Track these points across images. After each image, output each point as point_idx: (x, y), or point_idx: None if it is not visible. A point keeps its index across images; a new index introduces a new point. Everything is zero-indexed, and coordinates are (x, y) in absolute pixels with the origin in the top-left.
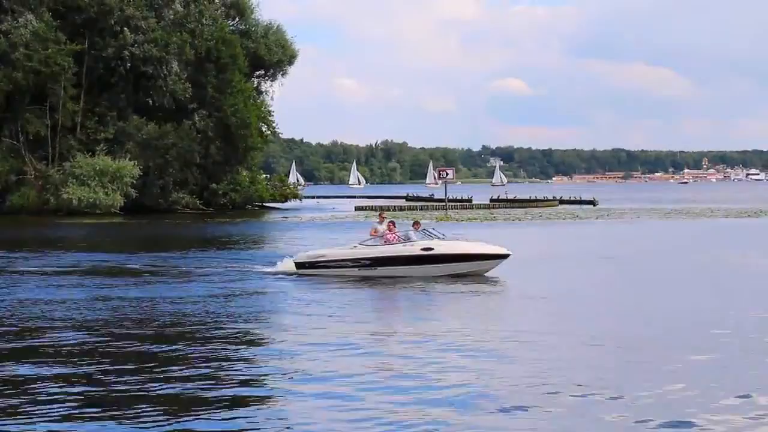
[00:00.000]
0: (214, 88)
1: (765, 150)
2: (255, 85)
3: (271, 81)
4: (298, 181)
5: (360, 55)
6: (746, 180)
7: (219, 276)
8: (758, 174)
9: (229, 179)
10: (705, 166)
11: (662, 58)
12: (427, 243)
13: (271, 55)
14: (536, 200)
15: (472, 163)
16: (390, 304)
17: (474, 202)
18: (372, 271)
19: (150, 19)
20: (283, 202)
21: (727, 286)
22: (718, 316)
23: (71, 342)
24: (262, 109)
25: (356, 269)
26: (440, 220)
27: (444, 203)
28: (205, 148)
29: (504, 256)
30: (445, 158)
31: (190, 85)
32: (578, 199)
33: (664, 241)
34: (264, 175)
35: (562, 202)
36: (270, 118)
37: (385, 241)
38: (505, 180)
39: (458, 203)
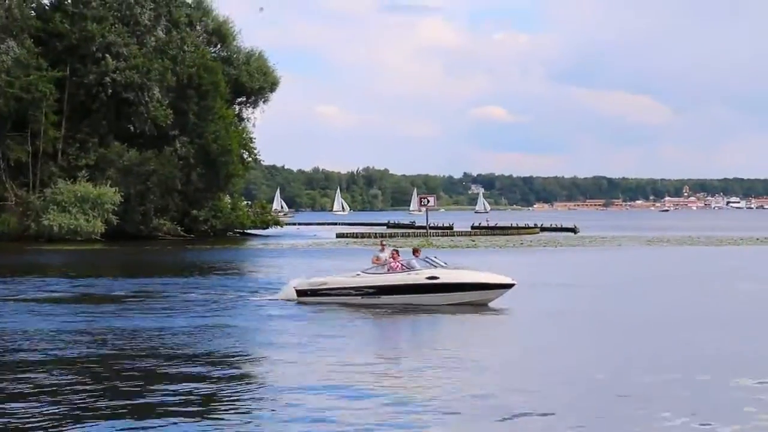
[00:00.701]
0: (196, 114)
1: (745, 178)
2: (236, 112)
3: (253, 108)
4: (282, 207)
5: (341, 82)
6: (727, 208)
7: (218, 304)
8: (739, 202)
9: (210, 206)
10: (686, 194)
11: (642, 86)
12: (432, 272)
13: (252, 81)
14: (517, 227)
15: (453, 190)
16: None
17: (455, 230)
18: (376, 300)
19: (132, 46)
20: (264, 228)
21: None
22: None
23: (48, 377)
24: (244, 135)
25: (359, 297)
26: (422, 247)
27: (425, 230)
28: (186, 175)
29: (509, 286)
30: (426, 185)
31: (171, 112)
32: (559, 226)
33: (646, 268)
34: (245, 202)
35: (543, 229)
36: (251, 145)
37: (388, 269)
38: (488, 207)
39: (439, 230)
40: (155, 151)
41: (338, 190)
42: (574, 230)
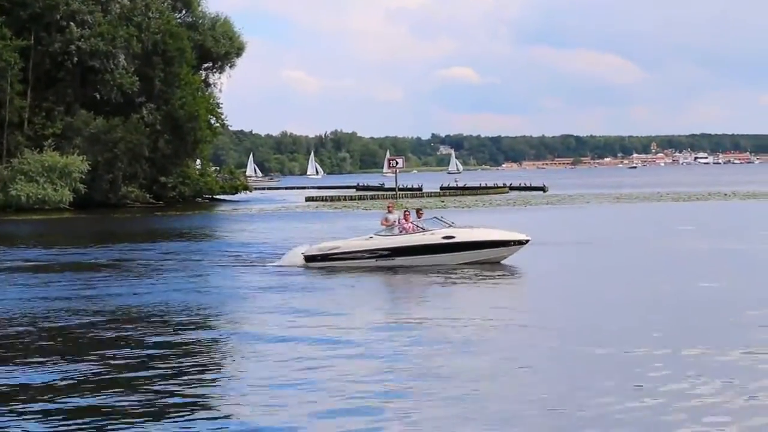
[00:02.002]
0: (162, 81)
1: (713, 133)
2: (203, 78)
3: (219, 73)
4: (256, 173)
5: (308, 46)
6: (695, 163)
7: (218, 271)
8: (706, 158)
9: (178, 172)
10: (653, 151)
11: (609, 45)
12: (447, 231)
13: (218, 47)
14: (486, 187)
15: (421, 151)
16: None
17: (424, 191)
18: (390, 262)
19: (96, 13)
20: (233, 194)
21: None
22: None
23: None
24: (211, 101)
25: (373, 260)
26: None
27: (394, 192)
28: (153, 142)
29: (524, 242)
30: (395, 147)
31: (137, 79)
32: (528, 185)
33: (614, 226)
34: (213, 168)
35: (512, 188)
36: (218, 111)
37: (401, 230)
38: (461, 168)
39: (408, 192)
40: (122, 119)
41: (312, 154)
42: (543, 189)
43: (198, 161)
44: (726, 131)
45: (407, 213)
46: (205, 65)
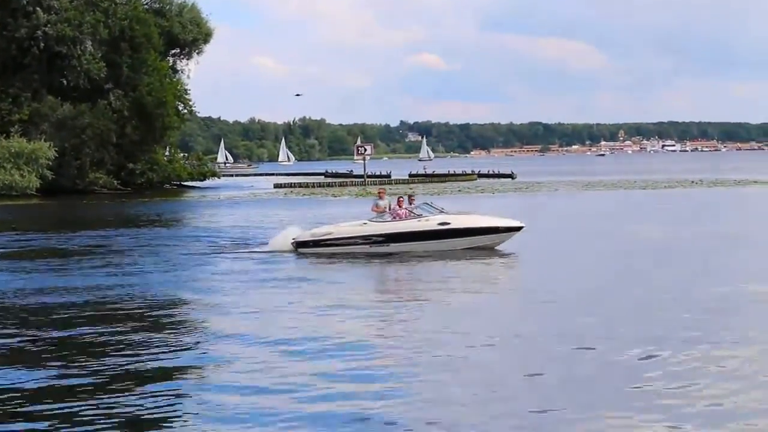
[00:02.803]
0: (129, 67)
1: (680, 121)
2: (170, 64)
3: (187, 59)
4: (227, 159)
5: (275, 32)
6: (662, 151)
7: (197, 257)
8: (673, 145)
9: (146, 159)
10: (621, 138)
11: (577, 32)
12: (442, 217)
13: (186, 33)
14: (455, 174)
15: (390, 138)
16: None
17: (393, 178)
18: (385, 248)
19: None
20: (201, 180)
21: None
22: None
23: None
24: (178, 87)
25: (367, 246)
26: (359, 196)
27: (363, 179)
28: (121, 128)
29: (518, 229)
30: (363, 134)
31: (104, 65)
32: (496, 173)
33: (580, 212)
34: (181, 154)
35: (480, 176)
36: (186, 97)
37: (395, 217)
38: (432, 155)
39: (377, 179)
40: (89, 105)
41: (283, 140)
42: (511, 176)
43: (168, 148)
44: (693, 119)
45: (401, 199)
46: (173, 51)
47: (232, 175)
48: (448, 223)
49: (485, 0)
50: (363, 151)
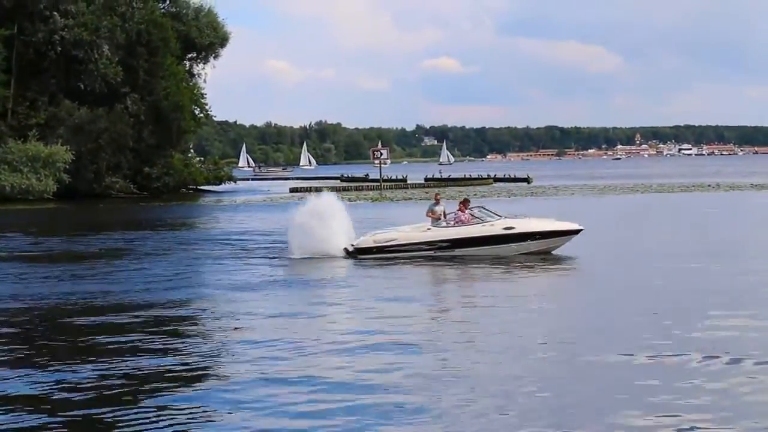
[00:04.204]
0: (146, 71)
1: (696, 125)
2: (187, 68)
3: (203, 63)
4: (249, 164)
5: (292, 36)
6: (678, 155)
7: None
8: (690, 149)
9: (162, 163)
10: (638, 142)
11: (593, 36)
12: (506, 222)
13: (202, 37)
14: (471, 178)
15: (406, 142)
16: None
17: (409, 182)
18: (449, 253)
19: (80, 3)
20: (217, 184)
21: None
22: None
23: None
24: (195, 91)
25: (432, 252)
26: (375, 201)
27: (379, 183)
28: (137, 132)
29: (577, 231)
30: (379, 138)
31: (121, 69)
32: (512, 177)
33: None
34: (198, 158)
35: (496, 180)
36: (203, 101)
37: (457, 221)
38: (452, 159)
39: (393, 183)
40: (106, 109)
41: (305, 145)
42: (527, 180)
43: (192, 151)
44: (710, 122)
45: (462, 203)
46: (189, 55)
47: (281, 179)
48: (513, 228)
49: (502, 4)
50: (379, 155)
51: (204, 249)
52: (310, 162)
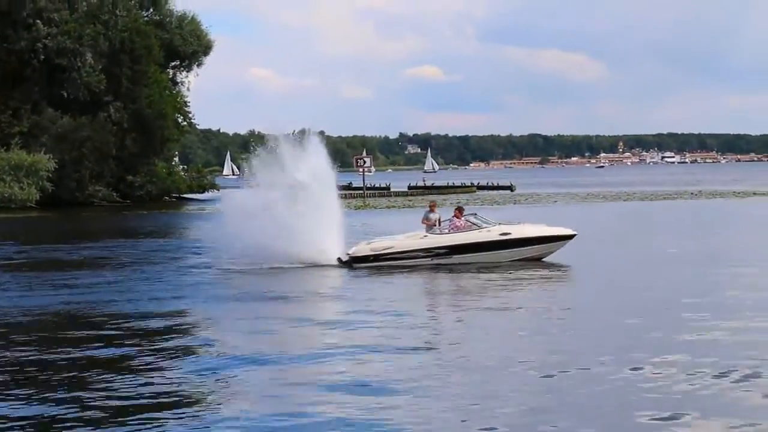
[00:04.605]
0: (129, 79)
1: (679, 133)
2: (170, 76)
3: (187, 71)
4: (234, 172)
5: (275, 44)
6: (661, 163)
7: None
8: (673, 157)
9: (145, 171)
10: (621, 150)
11: (576, 44)
12: (503, 228)
13: (186, 45)
14: (454, 186)
15: (389, 150)
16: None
17: (392, 190)
18: (447, 260)
19: (63, 11)
20: (201, 192)
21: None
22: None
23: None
24: (178, 99)
25: (429, 259)
26: (359, 209)
27: (362, 191)
28: (120, 140)
29: (571, 237)
30: (363, 146)
31: (104, 77)
32: (496, 185)
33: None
34: (181, 166)
35: (479, 188)
36: (186, 109)
37: (452, 228)
38: (437, 167)
39: (376, 191)
40: (89, 117)
41: None
42: (510, 188)
43: (176, 159)
44: (692, 131)
45: (458, 210)
46: (173, 63)
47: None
48: (509, 233)
49: (485, 12)
50: (363, 164)
51: (186, 258)
52: None
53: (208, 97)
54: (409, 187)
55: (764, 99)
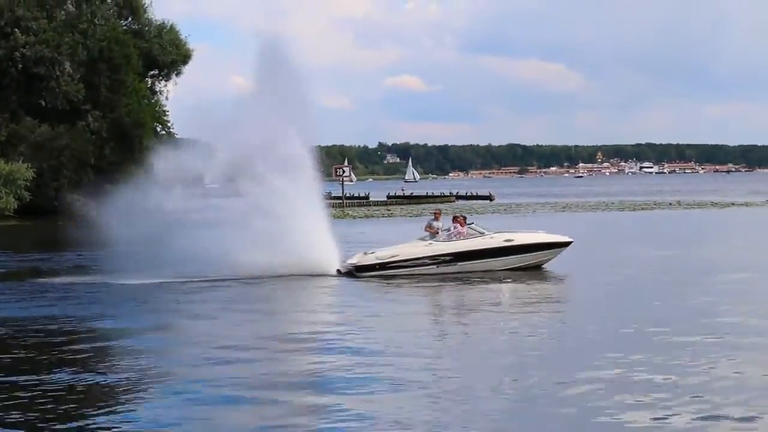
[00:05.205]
0: (108, 88)
1: (658, 143)
2: (149, 85)
3: (166, 81)
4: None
5: (253, 53)
6: (640, 173)
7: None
8: (651, 167)
9: (124, 180)
10: (599, 160)
11: (555, 54)
12: (506, 235)
13: (164, 54)
14: (433, 196)
15: (368, 160)
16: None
17: (371, 199)
18: (452, 267)
19: (41, 20)
20: None
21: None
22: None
23: None
24: (157, 109)
25: (434, 266)
26: (338, 218)
27: (341, 201)
28: (99, 149)
29: (568, 244)
30: (341, 155)
31: (83, 86)
32: (475, 194)
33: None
34: None
35: (458, 197)
36: (165, 118)
37: (456, 235)
38: (418, 176)
39: (355, 200)
40: (67, 126)
41: None
42: (489, 198)
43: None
44: (671, 140)
45: (460, 218)
46: (152, 73)
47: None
48: (512, 240)
49: (463, 22)
50: (342, 173)
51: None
52: None
53: (187, 106)
54: (388, 197)
55: (742, 109)
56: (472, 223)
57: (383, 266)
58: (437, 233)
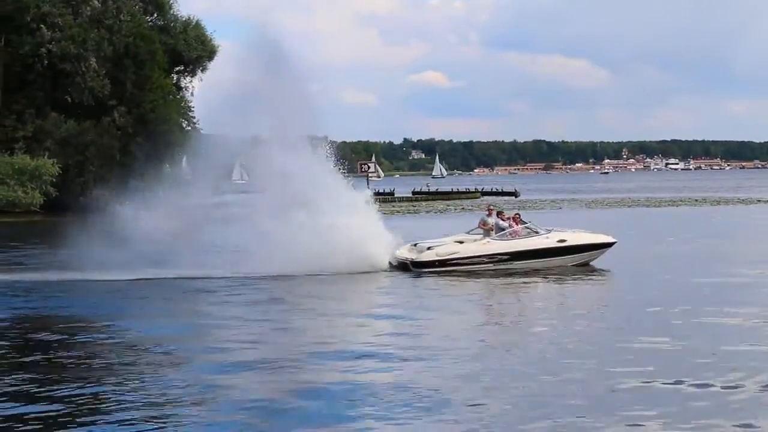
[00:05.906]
0: (133, 84)
1: (683, 139)
2: (174, 81)
3: (191, 76)
4: (243, 177)
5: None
6: (665, 169)
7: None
8: (677, 163)
9: (151, 175)
10: (625, 156)
11: (579, 49)
12: (559, 235)
13: (190, 50)
14: (458, 192)
15: (393, 156)
16: None
17: (396, 195)
18: (508, 266)
19: (67, 16)
20: None
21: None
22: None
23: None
24: (182, 104)
25: (492, 264)
26: None
27: None
28: (124, 145)
29: (612, 244)
30: (366, 152)
31: (108, 82)
32: (500, 190)
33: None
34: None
35: (484, 193)
36: (190, 114)
37: (511, 234)
38: (445, 172)
39: (380, 196)
40: (93, 122)
41: None
42: (515, 194)
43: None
44: (696, 137)
45: (515, 216)
46: (177, 68)
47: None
48: (565, 240)
49: (488, 18)
50: (366, 169)
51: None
52: None
53: (213, 101)
54: (414, 193)
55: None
56: (528, 223)
57: (443, 263)
58: (491, 230)
